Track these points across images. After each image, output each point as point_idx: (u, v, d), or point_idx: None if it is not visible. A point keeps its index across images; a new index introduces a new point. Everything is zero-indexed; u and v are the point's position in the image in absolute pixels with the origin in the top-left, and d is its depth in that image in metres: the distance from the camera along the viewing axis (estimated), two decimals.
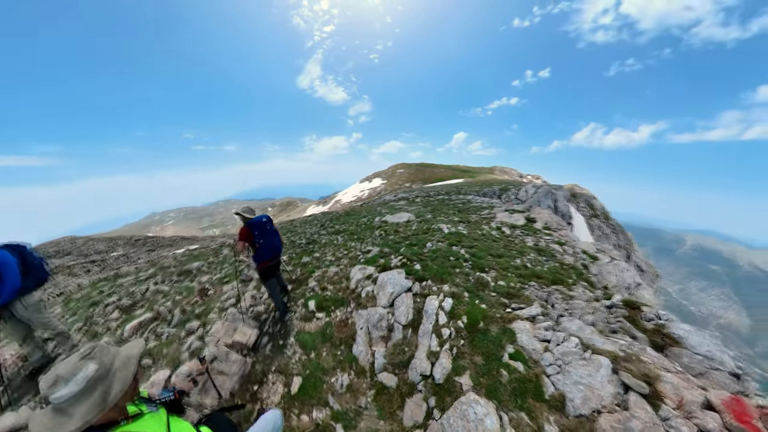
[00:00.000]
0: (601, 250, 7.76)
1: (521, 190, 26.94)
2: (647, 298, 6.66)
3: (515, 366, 2.95)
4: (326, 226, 12.31)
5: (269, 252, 4.00)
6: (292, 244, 9.06)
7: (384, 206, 21.08)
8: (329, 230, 11.01)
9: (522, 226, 9.19)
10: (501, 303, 3.73)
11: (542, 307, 3.56)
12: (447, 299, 3.75)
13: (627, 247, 28.52)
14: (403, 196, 26.59)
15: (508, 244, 6.92)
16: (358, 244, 7.65)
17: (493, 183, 32.71)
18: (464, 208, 15.42)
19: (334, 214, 17.10)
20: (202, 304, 5.02)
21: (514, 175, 58.25)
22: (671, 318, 3.46)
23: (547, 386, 2.78)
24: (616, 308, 3.72)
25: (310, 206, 73.56)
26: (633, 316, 3.61)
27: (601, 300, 3.86)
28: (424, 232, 7.96)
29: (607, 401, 2.56)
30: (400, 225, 9.55)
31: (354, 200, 51.58)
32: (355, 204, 39.56)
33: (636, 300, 3.86)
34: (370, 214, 14.71)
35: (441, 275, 4.49)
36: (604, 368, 2.62)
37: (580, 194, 34.89)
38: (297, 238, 10.08)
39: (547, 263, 5.63)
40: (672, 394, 2.53)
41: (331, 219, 14.53)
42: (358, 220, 12.53)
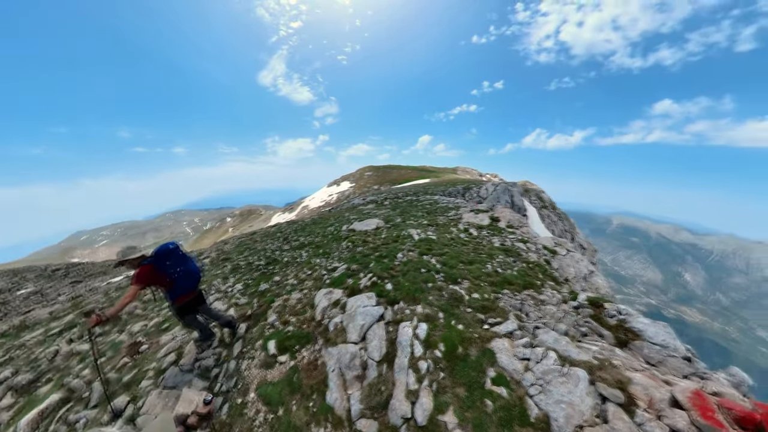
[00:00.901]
0: (559, 244, 8.27)
1: (482, 189, 28.72)
2: (600, 284, 7.21)
3: (498, 392, 2.80)
4: (290, 239, 11.46)
5: (190, 280, 3.43)
6: (249, 267, 8.12)
7: (353, 211, 20.51)
8: (293, 244, 10.24)
9: (487, 226, 9.46)
10: (477, 320, 3.60)
11: (518, 320, 3.51)
12: (421, 324, 3.51)
13: (571, 231, 32.72)
14: (372, 199, 26.36)
15: (477, 246, 6.99)
16: (324, 260, 7.14)
17: (456, 182, 34.30)
18: (432, 209, 15.62)
19: (300, 223, 16.12)
20: (133, 366, 3.98)
21: (474, 174, 61.54)
22: (630, 312, 3.63)
23: (531, 408, 2.67)
24: (583, 308, 3.83)
25: (275, 214, 68.54)
26: (598, 315, 3.74)
27: (569, 301, 3.96)
28: (395, 240, 7.73)
29: (587, 415, 2.52)
30: (369, 233, 9.22)
31: (322, 205, 49.90)
32: (323, 209, 38.24)
33: (598, 297, 4.02)
34: (337, 222, 14.11)
35: (414, 293, 4.25)
36: (582, 382, 2.58)
37: (531, 189, 38.77)
38: (255, 258, 9.12)
39: (515, 264, 5.74)
40: (643, 395, 2.57)
41: (296, 230, 13.63)
42: (325, 230, 11.90)
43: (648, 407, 2.50)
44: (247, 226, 67.07)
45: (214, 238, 73.42)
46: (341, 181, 64.53)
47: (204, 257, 11.25)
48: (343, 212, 20.98)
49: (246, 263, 8.60)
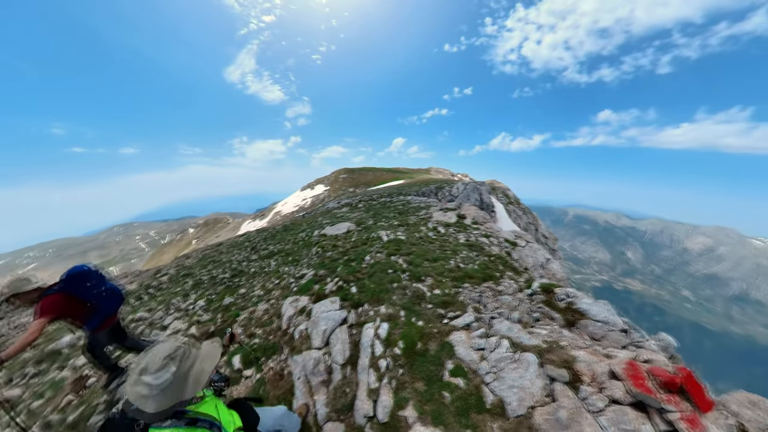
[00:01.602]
0: (519, 236, 8.77)
1: (453, 188, 29.96)
2: (556, 269, 7.73)
3: (456, 383, 2.90)
4: (258, 248, 11.00)
5: (115, 299, 3.13)
6: (212, 281, 7.69)
7: (326, 215, 20.17)
8: (261, 254, 9.84)
9: (454, 223, 9.78)
10: (437, 315, 3.70)
11: (476, 311, 3.66)
12: (383, 324, 3.53)
13: (534, 223, 35.42)
14: (346, 202, 26.20)
15: (443, 244, 7.19)
16: (293, 267, 6.94)
17: (430, 182, 35.30)
18: (404, 209, 15.83)
19: (271, 230, 15.54)
20: (80, 403, 3.52)
21: (447, 174, 63.39)
22: (577, 294, 3.94)
23: (487, 395, 2.79)
24: (536, 295, 4.09)
25: (244, 222, 63.53)
26: (549, 300, 4.01)
27: (524, 290, 4.21)
28: (364, 243, 7.72)
29: (538, 396, 2.68)
30: (340, 237, 9.12)
31: (296, 210, 48.34)
32: (297, 215, 37.15)
33: (550, 284, 4.32)
34: (310, 227, 13.78)
35: (378, 294, 4.28)
36: (532, 365, 2.75)
37: (498, 187, 41.21)
38: (220, 271, 8.65)
39: (477, 259, 5.98)
40: (586, 370, 2.79)
41: (266, 238, 13.12)
42: (296, 236, 11.59)
43: (591, 381, 2.71)
44: (213, 237, 61.24)
45: (175, 253, 66.73)
46: (315, 185, 63.06)
47: (162, 274, 10.43)
48: (317, 217, 20.61)
49: (209, 277, 8.13)
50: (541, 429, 2.46)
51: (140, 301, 7.67)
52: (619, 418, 2.34)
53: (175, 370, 1.28)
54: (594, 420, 2.41)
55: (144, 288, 8.76)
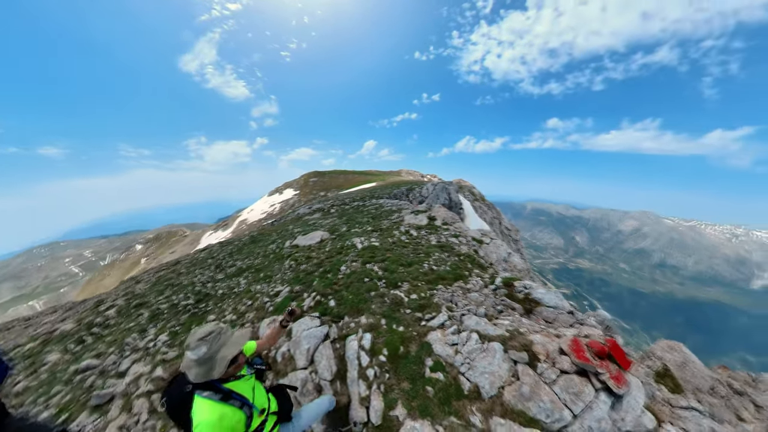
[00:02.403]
0: (485, 234, 9.55)
1: (423, 189, 31.12)
2: (516, 262, 8.59)
3: (437, 377, 3.22)
4: (224, 265, 10.39)
5: None
6: (174, 309, 7.00)
7: (297, 222, 19.57)
8: (228, 271, 9.33)
9: (425, 225, 10.29)
10: (416, 319, 4.01)
11: (449, 310, 4.04)
12: (365, 335, 3.74)
13: (498, 217, 38.31)
14: (318, 207, 25.64)
15: (416, 247, 7.59)
16: (266, 285, 6.77)
17: (401, 184, 36.15)
18: (377, 213, 16.10)
19: (237, 243, 14.63)
20: None
21: (417, 175, 64.55)
22: (532, 286, 4.53)
23: (464, 383, 3.16)
24: (499, 289, 4.62)
25: (204, 233, 56.80)
26: (510, 292, 4.56)
27: (489, 285, 4.72)
28: (339, 252, 7.82)
29: (505, 377, 3.12)
30: (313, 248, 9.08)
31: (264, 217, 44.66)
32: (265, 223, 35.01)
33: (510, 277, 4.89)
34: (280, 237, 13.32)
35: (357, 305, 4.47)
36: (498, 352, 3.18)
37: (464, 186, 43.76)
38: (181, 296, 7.91)
39: (449, 259, 6.45)
40: (542, 350, 3.30)
41: (232, 252, 12.37)
42: (266, 249, 11.14)
43: (546, 358, 3.22)
44: (168, 253, 53.76)
45: (120, 276, 57.02)
46: (284, 189, 59.62)
47: (107, 307, 9.01)
48: (287, 224, 19.93)
49: (169, 305, 7.41)
50: (510, 403, 2.90)
51: (83, 344, 6.35)
52: (568, 384, 2.87)
53: (206, 350, 1.54)
54: (550, 389, 2.91)
55: (86, 327, 7.38)
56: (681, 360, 5.05)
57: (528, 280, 7.75)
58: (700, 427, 3.05)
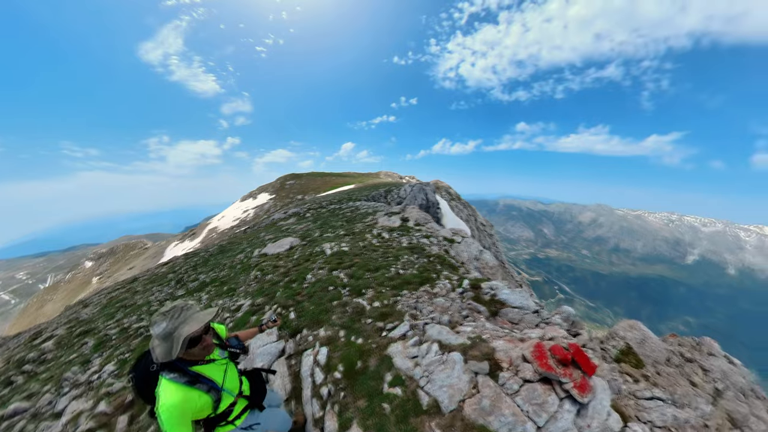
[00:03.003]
0: (456, 233, 9.55)
1: (401, 190, 31.27)
2: (488, 259, 8.63)
3: (395, 393, 3.00)
4: (186, 280, 9.61)
5: None
6: (124, 334, 6.23)
7: (270, 229, 18.76)
8: (190, 287, 8.61)
9: (398, 227, 10.14)
10: (377, 329, 3.78)
11: (412, 318, 3.85)
12: (322, 349, 3.46)
13: (473, 215, 39.62)
14: (294, 212, 24.86)
15: (387, 250, 7.38)
16: (228, 299, 6.26)
17: (380, 186, 36.08)
18: (352, 216, 15.76)
19: (203, 254, 13.65)
20: None
21: (396, 177, 64.14)
22: (498, 287, 4.46)
23: (423, 398, 2.96)
24: (467, 292, 4.51)
25: (169, 245, 50.38)
26: (477, 295, 4.45)
27: (456, 288, 4.60)
28: (307, 260, 7.43)
29: (465, 390, 2.95)
30: (281, 256, 8.61)
31: (236, 224, 42.68)
32: (237, 230, 33.28)
33: (477, 279, 4.81)
34: (250, 246, 12.62)
35: (318, 316, 4.17)
36: (458, 364, 3.01)
37: (441, 186, 44.63)
38: (134, 319, 7.10)
39: (418, 261, 6.30)
40: (504, 357, 3.17)
41: (196, 265, 11.51)
42: (233, 259, 10.49)
43: (509, 366, 3.08)
44: (126, 270, 46.07)
45: (65, 300, 47.24)
46: (258, 193, 56.95)
47: (44, 338, 7.63)
48: (260, 231, 19.09)
49: (119, 330, 6.58)
50: (470, 418, 2.72)
51: (11, 386, 5.57)
52: (531, 394, 2.73)
53: (164, 326, 1.45)
54: (512, 401, 2.76)
55: (15, 365, 6.35)
56: (640, 337, 5.31)
57: (499, 278, 7.78)
58: (664, 416, 3.03)
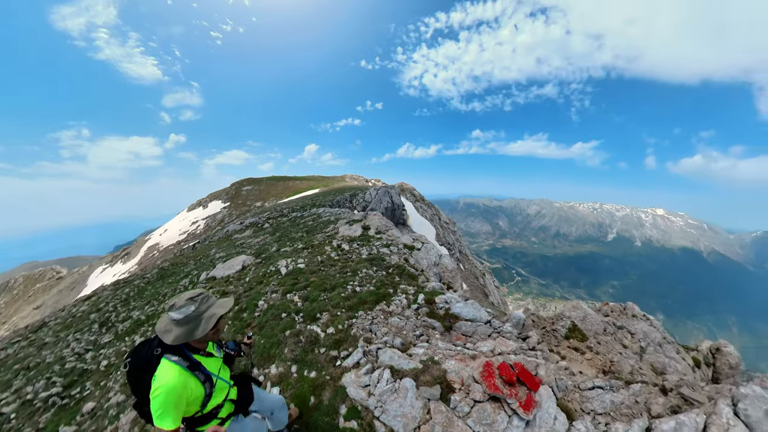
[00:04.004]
0: (416, 239, 9.72)
1: (367, 193, 31.11)
2: (447, 263, 8.93)
3: (350, 426, 2.87)
4: (113, 320, 8.06)
5: None
6: (25, 410, 4.76)
7: (222, 244, 17.18)
8: (120, 329, 7.23)
9: (359, 237, 9.99)
10: (330, 359, 3.60)
11: (366, 343, 3.74)
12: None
13: (437, 214, 41.32)
14: (252, 222, 23.06)
15: (345, 264, 7.19)
16: None
17: (345, 190, 35.41)
18: (313, 226, 15.18)
19: (139, 281, 11.83)
20: None
21: (361, 180, 62.57)
22: (452, 300, 4.57)
23: (379, 429, 2.87)
24: (421, 307, 4.54)
25: (93, 272, 40.18)
26: (432, 310, 4.51)
27: (412, 304, 4.61)
28: (260, 281, 6.91)
29: (419, 417, 2.92)
30: (232, 279, 7.89)
31: (183, 239, 36.68)
32: (184, 246, 29.33)
33: (432, 291, 4.88)
34: (198, 267, 11.37)
35: (269, 351, 3.85)
36: (410, 391, 2.98)
37: (407, 188, 45.57)
38: (39, 385, 5.42)
39: (376, 275, 6.21)
40: (456, 378, 3.19)
41: (129, 297, 9.86)
42: (177, 286, 9.31)
43: (460, 387, 3.10)
44: (30, 310, 34.38)
45: None
46: (210, 201, 49.46)
47: None
48: (210, 248, 17.44)
49: (20, 404, 4.96)
50: None
51: None
52: (481, 415, 2.79)
53: (194, 309, 1.59)
54: (463, 423, 2.80)
55: None
56: (582, 315, 6.02)
57: (457, 282, 8.08)
58: (604, 402, 3.33)
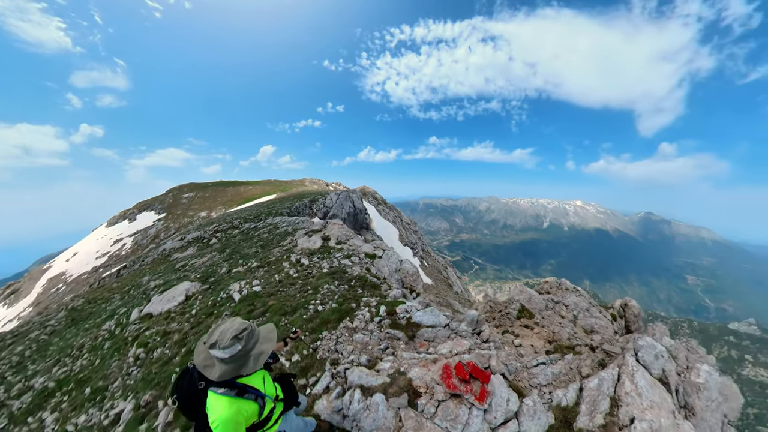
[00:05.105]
0: (377, 247, 9.88)
1: (327, 198, 30.20)
2: (408, 268, 9.27)
3: None
4: (1, 397, 6.11)
5: None
6: None
7: (158, 268, 14.77)
8: (14, 407, 5.48)
9: (319, 249, 9.75)
10: (300, 388, 3.50)
11: (333, 365, 3.73)
12: None
13: (399, 216, 42.38)
14: (196, 236, 19.99)
15: (306, 281, 6.97)
16: (96, 410, 4.47)
17: (304, 195, 33.63)
18: (269, 239, 14.23)
19: (39, 331, 9.40)
20: None
21: (322, 184, 59.18)
22: (412, 309, 4.80)
23: None
24: (384, 319, 4.68)
25: None
26: (394, 320, 4.68)
27: (375, 318, 4.71)
28: (210, 313, 6.27)
29: (392, 426, 3.04)
30: (174, 314, 6.97)
31: (102, 264, 28.32)
32: (104, 274, 22.44)
33: (393, 302, 5.06)
34: (127, 302, 9.65)
35: None
36: (381, 405, 3.09)
37: (368, 192, 45.54)
38: None
39: (338, 290, 6.16)
40: (421, 383, 3.39)
41: (24, 358, 7.43)
42: (98, 332, 7.62)
43: (426, 391, 3.32)
44: None
45: None
46: (140, 212, 40.49)
47: None
48: (142, 274, 14.89)
49: None
50: None
51: None
52: (445, 412, 3.04)
53: (240, 348, 1.59)
54: (432, 423, 3.02)
55: None
56: (528, 297, 6.86)
57: (419, 285, 8.45)
58: (546, 375, 3.87)
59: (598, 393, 3.31)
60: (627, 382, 3.32)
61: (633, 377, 3.37)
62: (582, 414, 3.15)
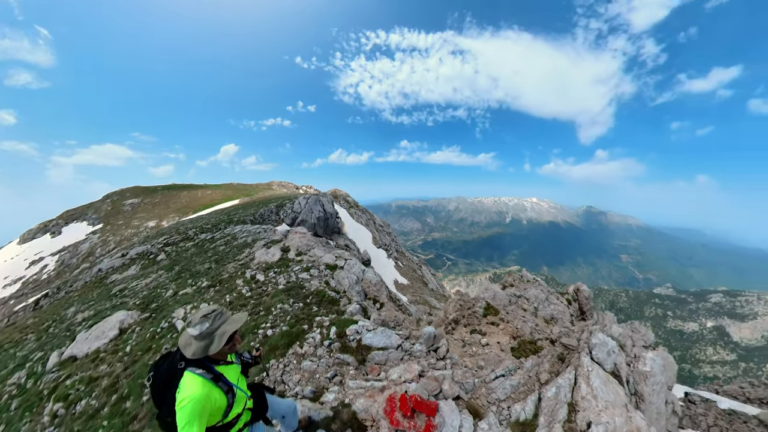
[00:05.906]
0: (339, 256, 9.65)
1: (296, 203, 28.79)
2: (371, 277, 9.17)
3: None
4: None
5: None
6: None
7: (89, 296, 12.72)
8: None
9: (276, 262, 9.28)
10: None
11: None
12: None
13: (372, 218, 42.19)
14: (140, 251, 17.46)
15: (259, 300, 6.56)
16: None
17: (270, 200, 31.63)
18: (225, 252, 13.25)
19: None
20: None
21: (291, 188, 55.33)
22: (362, 331, 4.71)
23: None
24: (334, 343, 4.54)
25: None
26: (344, 343, 4.55)
27: (325, 342, 4.54)
28: (147, 349, 5.62)
29: None
30: (104, 354, 6.10)
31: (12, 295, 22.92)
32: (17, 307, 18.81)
33: (345, 322, 4.93)
34: (45, 343, 8.19)
35: None
36: None
37: (340, 195, 44.54)
38: None
39: (292, 309, 5.88)
40: (366, 416, 3.26)
41: None
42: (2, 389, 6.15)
43: (372, 424, 3.20)
44: None
45: None
46: (67, 223, 34.09)
47: None
48: (67, 304, 12.61)
49: None
50: None
51: None
52: None
53: (208, 325, 1.75)
54: None
55: None
56: (492, 294, 7.10)
57: (383, 295, 8.39)
58: (505, 389, 3.86)
59: (556, 402, 3.35)
60: (583, 385, 3.41)
61: (588, 379, 3.48)
62: (540, 427, 3.16)
